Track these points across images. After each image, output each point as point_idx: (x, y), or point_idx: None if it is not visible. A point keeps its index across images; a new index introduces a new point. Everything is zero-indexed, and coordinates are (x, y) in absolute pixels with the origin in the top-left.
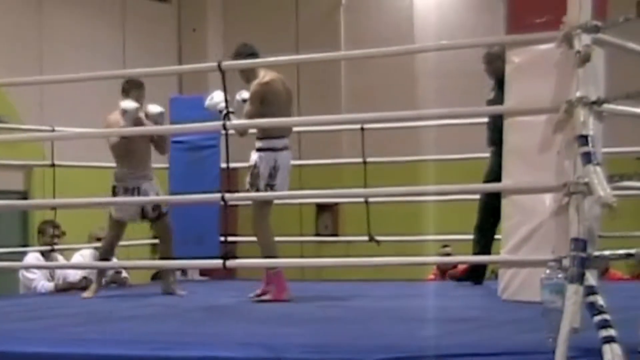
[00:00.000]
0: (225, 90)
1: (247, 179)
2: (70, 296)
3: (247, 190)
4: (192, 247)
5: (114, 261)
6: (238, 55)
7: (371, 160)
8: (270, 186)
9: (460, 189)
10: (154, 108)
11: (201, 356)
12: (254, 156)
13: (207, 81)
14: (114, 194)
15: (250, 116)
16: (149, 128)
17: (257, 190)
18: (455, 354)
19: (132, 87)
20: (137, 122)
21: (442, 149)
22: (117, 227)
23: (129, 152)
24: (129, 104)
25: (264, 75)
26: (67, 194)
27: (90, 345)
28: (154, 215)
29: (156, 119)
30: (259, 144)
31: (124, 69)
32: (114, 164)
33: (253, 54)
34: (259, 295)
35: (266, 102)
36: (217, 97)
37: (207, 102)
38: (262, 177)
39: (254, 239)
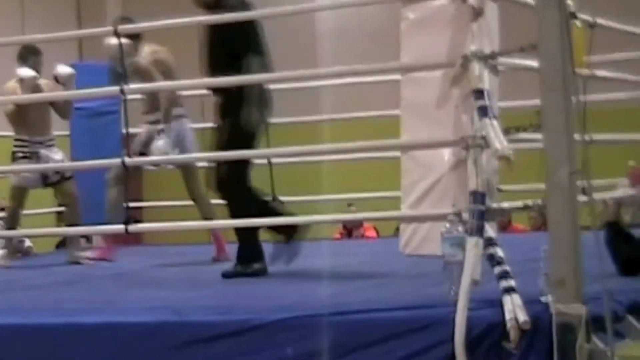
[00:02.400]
0: (122, 55)
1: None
2: None
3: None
4: (95, 213)
5: (17, 230)
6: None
7: (272, 122)
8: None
9: (357, 147)
10: (63, 69)
11: (106, 322)
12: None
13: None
14: (13, 160)
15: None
16: (48, 95)
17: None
18: (358, 310)
19: (29, 54)
20: (35, 90)
21: (344, 109)
22: (19, 194)
23: (25, 119)
24: (26, 71)
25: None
26: None
27: None
28: (56, 180)
29: (65, 80)
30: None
31: (22, 35)
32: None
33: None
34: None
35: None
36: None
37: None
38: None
39: (159, 203)
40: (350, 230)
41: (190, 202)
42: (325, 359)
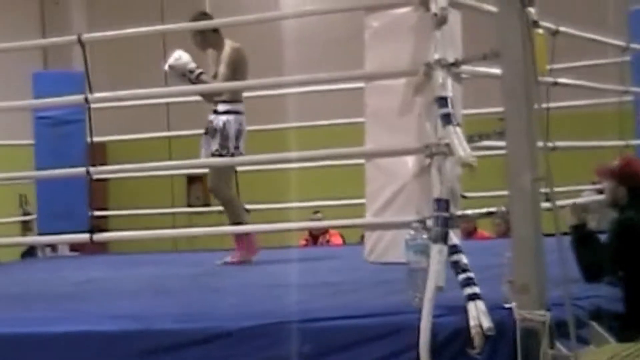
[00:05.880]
0: (86, 64)
1: (217, 141)
2: None
3: (218, 155)
4: (60, 222)
5: None
6: (194, 20)
7: None
8: (236, 149)
9: (321, 155)
10: None
11: (69, 331)
12: (221, 118)
13: (71, 56)
14: None
15: (226, 79)
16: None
17: (228, 153)
18: (323, 317)
19: None
20: None
21: (309, 116)
22: None
23: None
24: None
25: (232, 43)
26: None
27: None
28: None
29: None
30: (225, 107)
31: None
32: None
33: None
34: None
35: (240, 67)
36: (185, 57)
37: (173, 61)
38: (232, 139)
39: (124, 212)
40: (316, 237)
41: (158, 210)
42: None
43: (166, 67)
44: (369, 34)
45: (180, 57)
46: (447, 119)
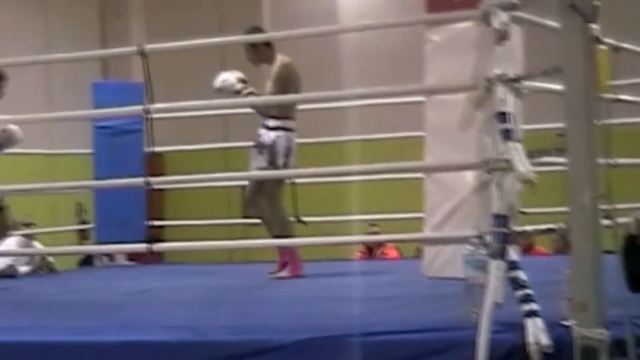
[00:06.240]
0: (147, 75)
1: (264, 157)
2: None
3: (265, 169)
4: (117, 231)
5: (41, 247)
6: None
7: (297, 142)
8: (285, 165)
9: (380, 169)
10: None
11: (125, 340)
12: (270, 134)
13: (130, 67)
14: None
15: (275, 95)
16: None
17: (276, 168)
18: (380, 332)
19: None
20: None
21: (367, 129)
22: None
23: None
24: None
25: (283, 59)
26: None
27: (11, 333)
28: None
29: None
30: (275, 123)
31: (46, 55)
32: (37, 150)
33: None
34: (274, 273)
35: (288, 83)
36: (231, 78)
37: (221, 84)
38: (280, 155)
39: (182, 222)
40: (371, 249)
41: (214, 221)
42: None
43: (215, 89)
44: (430, 48)
45: (227, 79)
46: (507, 134)
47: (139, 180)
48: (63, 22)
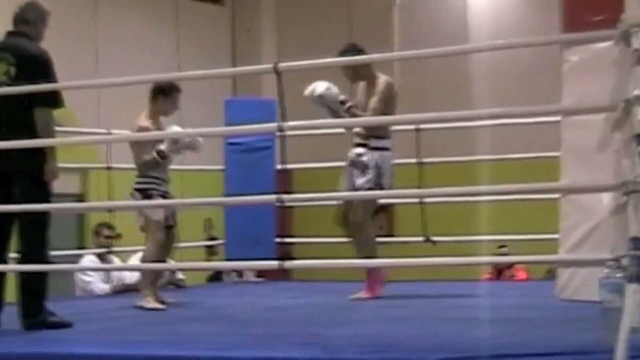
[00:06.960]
0: (281, 92)
1: (367, 176)
2: (127, 298)
3: (369, 189)
4: (248, 248)
5: (170, 263)
6: (345, 52)
7: (426, 161)
8: (390, 186)
9: (514, 189)
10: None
11: (258, 357)
12: (374, 154)
13: (260, 83)
14: (149, 197)
15: (379, 113)
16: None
17: (382, 188)
18: (513, 354)
19: (173, 90)
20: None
21: (497, 149)
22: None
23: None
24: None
25: (386, 77)
26: (123, 197)
27: (146, 347)
28: (173, 223)
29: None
30: (380, 143)
31: (178, 71)
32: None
33: (361, 52)
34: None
35: (390, 101)
36: (334, 88)
37: (325, 90)
38: (386, 176)
39: (313, 240)
40: (500, 270)
41: (341, 239)
42: None
43: (314, 94)
44: (567, 68)
45: (330, 87)
46: None
47: (272, 197)
48: (195, 37)
